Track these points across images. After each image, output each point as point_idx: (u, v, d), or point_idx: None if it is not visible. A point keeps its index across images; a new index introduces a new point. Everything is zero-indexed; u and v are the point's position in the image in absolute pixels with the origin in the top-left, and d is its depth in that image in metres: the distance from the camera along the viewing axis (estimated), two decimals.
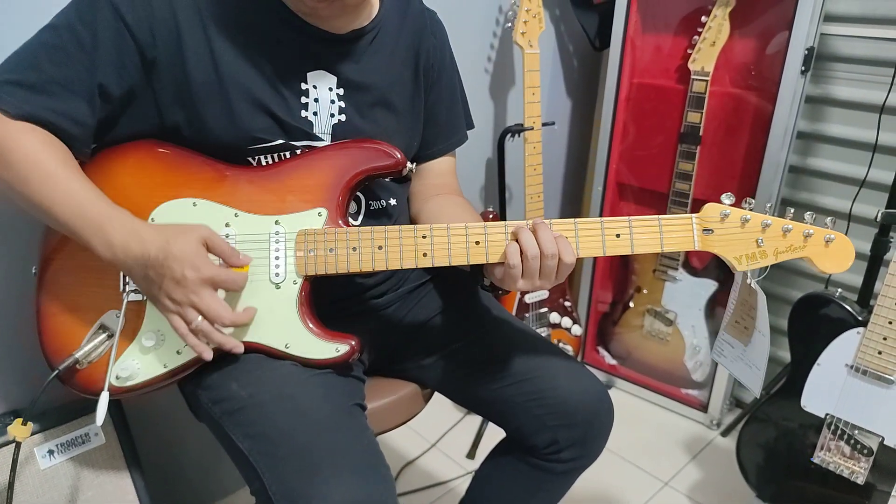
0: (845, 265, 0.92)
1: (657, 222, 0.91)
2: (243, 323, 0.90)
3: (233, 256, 0.89)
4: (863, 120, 1.67)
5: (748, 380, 1.15)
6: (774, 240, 0.91)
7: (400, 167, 0.97)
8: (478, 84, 1.91)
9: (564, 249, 0.88)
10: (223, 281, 0.86)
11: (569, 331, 2.04)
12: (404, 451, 1.87)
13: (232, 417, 0.90)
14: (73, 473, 1.17)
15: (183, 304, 0.85)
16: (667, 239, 0.92)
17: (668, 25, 1.81)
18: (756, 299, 1.04)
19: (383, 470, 0.87)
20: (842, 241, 0.91)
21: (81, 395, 0.97)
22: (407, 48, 1.07)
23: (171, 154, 0.97)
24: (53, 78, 0.86)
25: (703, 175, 1.81)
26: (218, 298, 0.86)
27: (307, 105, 0.98)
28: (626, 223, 0.91)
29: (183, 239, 0.84)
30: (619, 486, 1.76)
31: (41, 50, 0.86)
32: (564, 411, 1.03)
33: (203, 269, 0.84)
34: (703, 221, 0.92)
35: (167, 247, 0.83)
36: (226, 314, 0.86)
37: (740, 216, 0.91)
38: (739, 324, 1.11)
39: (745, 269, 0.93)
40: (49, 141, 0.87)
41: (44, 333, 0.97)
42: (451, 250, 0.92)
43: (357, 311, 1.11)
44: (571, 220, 0.91)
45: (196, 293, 0.84)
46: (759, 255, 0.92)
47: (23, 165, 0.84)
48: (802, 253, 0.92)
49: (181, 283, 0.83)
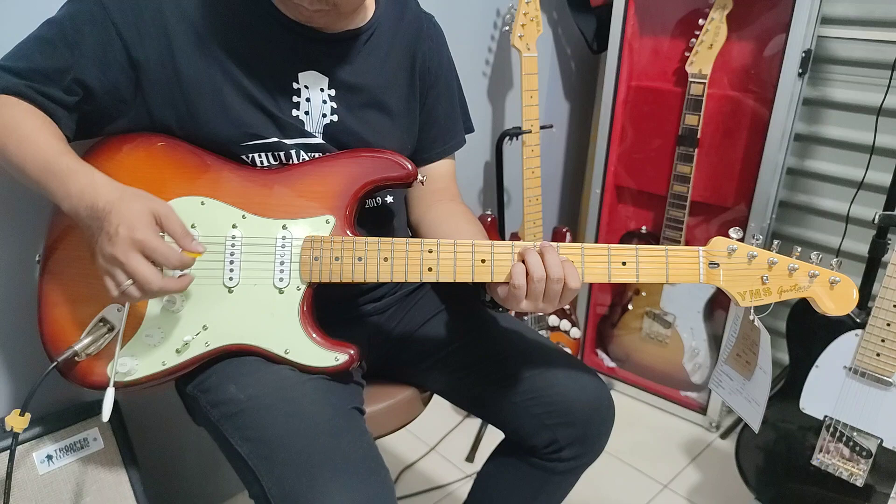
0: (847, 308, 0.91)
1: (664, 253, 0.92)
2: (172, 290, 0.85)
3: (184, 238, 0.85)
4: (860, 122, 1.68)
5: (747, 415, 1.15)
6: (779, 278, 0.91)
7: (411, 179, 0.97)
8: (476, 87, 1.91)
9: (570, 274, 0.88)
10: (153, 249, 0.81)
11: (567, 333, 2.04)
12: (404, 454, 1.86)
13: (230, 421, 0.90)
14: (71, 478, 1.17)
15: (112, 262, 0.81)
16: (672, 270, 0.92)
17: (666, 28, 1.82)
18: (759, 336, 1.04)
19: (383, 473, 0.86)
20: (846, 285, 0.91)
21: (79, 393, 0.97)
22: (402, 51, 1.07)
23: (183, 149, 0.97)
24: (38, 68, 0.90)
25: (701, 178, 1.82)
26: (147, 263, 0.81)
27: (298, 104, 0.99)
28: (632, 252, 0.91)
29: (136, 202, 0.83)
30: (618, 488, 1.76)
31: (35, 42, 0.91)
32: (563, 410, 1.03)
33: (138, 230, 0.80)
34: (709, 255, 0.92)
35: (117, 202, 0.82)
36: (154, 280, 0.81)
37: (747, 252, 0.91)
38: (741, 357, 1.12)
39: (748, 305, 0.93)
40: (30, 111, 0.90)
41: (44, 323, 0.97)
42: (457, 267, 0.92)
43: (356, 315, 1.11)
44: (578, 245, 0.91)
45: (124, 253, 0.80)
46: (764, 293, 0.92)
47: (2, 131, 0.89)
48: (806, 293, 0.92)
49: (112, 238, 0.80)
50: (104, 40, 0.90)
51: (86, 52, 0.90)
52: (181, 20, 0.92)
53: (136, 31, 0.91)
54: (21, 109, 0.90)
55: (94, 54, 0.91)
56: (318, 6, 0.90)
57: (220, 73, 0.94)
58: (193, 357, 0.93)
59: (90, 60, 0.91)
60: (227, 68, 0.94)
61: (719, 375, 1.17)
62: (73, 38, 0.90)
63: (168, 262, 0.83)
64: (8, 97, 0.90)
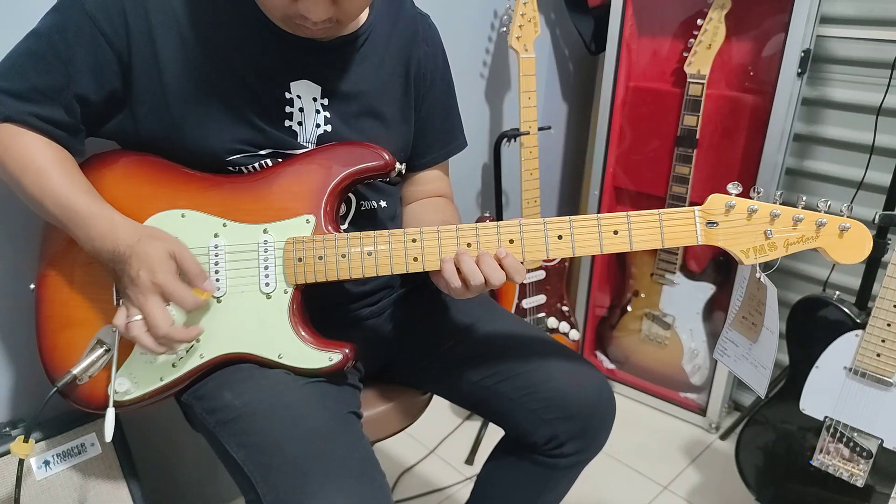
0: (862, 255, 0.85)
1: (657, 216, 0.88)
2: (178, 338, 0.86)
3: (198, 278, 0.88)
4: (860, 122, 1.67)
5: (753, 380, 1.11)
6: (784, 230, 0.86)
7: (388, 168, 0.96)
8: (473, 89, 1.90)
9: (490, 275, 0.87)
10: (172, 292, 0.84)
11: (566, 335, 2.03)
12: (403, 457, 1.86)
13: (226, 427, 0.89)
14: (69, 484, 1.16)
15: (131, 303, 0.85)
16: (668, 234, 0.88)
17: (664, 28, 1.81)
18: (766, 294, 0.98)
19: (379, 478, 0.86)
20: (858, 230, 0.85)
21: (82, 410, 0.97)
22: (397, 55, 1.05)
23: (158, 164, 0.96)
24: (36, 86, 0.89)
25: (700, 178, 1.81)
26: (162, 307, 0.84)
27: (291, 115, 0.97)
28: (623, 219, 0.88)
29: (153, 243, 0.86)
30: (618, 490, 1.75)
31: (26, 58, 0.89)
32: (561, 404, 1.02)
33: (158, 274, 0.84)
34: (706, 214, 0.87)
35: (136, 245, 0.85)
36: (163, 325, 0.83)
37: (747, 207, 0.86)
38: (747, 319, 1.06)
39: (752, 263, 0.88)
40: (41, 143, 0.90)
41: (44, 350, 0.98)
42: (443, 254, 0.90)
43: (351, 319, 1.10)
44: (567, 218, 0.89)
45: (144, 295, 0.84)
46: (769, 248, 0.87)
47: (18, 164, 0.89)
48: (815, 244, 0.86)
49: (134, 281, 0.84)
50: (94, 51, 0.88)
51: (79, 66, 0.88)
52: (168, 29, 0.90)
53: (126, 38, 0.89)
54: (31, 141, 0.90)
55: (87, 68, 0.89)
56: (323, 25, 0.87)
57: (207, 85, 0.92)
58: (190, 370, 0.93)
59: (85, 75, 0.89)
60: (215, 80, 0.92)
61: (724, 343, 1.11)
62: (65, 53, 0.88)
63: (184, 303, 0.86)
64: (15, 127, 0.89)
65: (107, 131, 0.96)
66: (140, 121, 0.93)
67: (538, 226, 0.89)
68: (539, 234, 0.89)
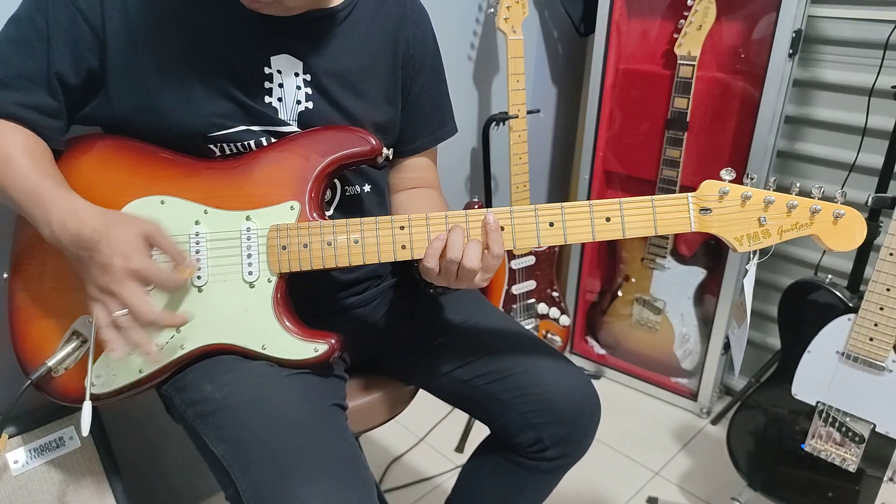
0: (856, 242, 0.85)
1: (650, 203, 0.86)
2: (166, 324, 0.84)
3: (178, 256, 0.85)
4: (852, 103, 1.66)
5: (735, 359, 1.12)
6: (779, 217, 0.85)
7: (375, 154, 0.93)
8: (461, 72, 1.88)
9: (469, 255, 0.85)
10: (152, 276, 0.81)
11: (557, 321, 2.02)
12: (392, 445, 1.84)
13: (206, 421, 0.87)
14: (47, 479, 1.13)
15: (106, 292, 0.81)
16: (661, 221, 0.87)
17: (654, 10, 1.79)
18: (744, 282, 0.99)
19: (362, 473, 0.84)
20: (852, 217, 0.85)
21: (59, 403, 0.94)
22: (383, 34, 1.02)
23: (137, 149, 0.93)
24: (20, 72, 0.87)
25: (691, 161, 1.79)
26: (142, 294, 0.81)
27: (271, 90, 0.94)
28: (616, 206, 0.86)
29: (123, 227, 0.82)
30: (610, 476, 1.75)
31: (8, 45, 0.87)
32: (549, 408, 1.01)
33: (133, 259, 0.80)
34: (699, 201, 0.86)
35: (104, 230, 0.81)
36: (147, 311, 0.80)
37: (741, 193, 0.85)
38: (741, 306, 1.08)
39: (746, 251, 0.87)
40: (16, 131, 0.88)
41: (17, 341, 0.95)
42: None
43: (337, 308, 1.08)
44: (559, 205, 0.87)
45: (120, 283, 0.80)
46: (763, 235, 0.86)
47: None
48: (809, 231, 0.85)
49: (107, 269, 0.80)
50: (72, 29, 0.87)
51: (58, 45, 0.87)
52: (142, 4, 0.88)
53: (101, 17, 0.87)
54: (7, 131, 0.87)
55: (66, 47, 0.87)
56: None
57: (183, 61, 0.89)
58: (170, 362, 0.90)
59: (64, 52, 0.87)
60: (191, 55, 0.89)
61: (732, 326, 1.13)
62: (45, 32, 0.86)
63: (167, 286, 0.84)
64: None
65: (84, 116, 0.94)
66: (117, 101, 0.91)
67: (529, 213, 0.87)
68: (530, 221, 0.87)
